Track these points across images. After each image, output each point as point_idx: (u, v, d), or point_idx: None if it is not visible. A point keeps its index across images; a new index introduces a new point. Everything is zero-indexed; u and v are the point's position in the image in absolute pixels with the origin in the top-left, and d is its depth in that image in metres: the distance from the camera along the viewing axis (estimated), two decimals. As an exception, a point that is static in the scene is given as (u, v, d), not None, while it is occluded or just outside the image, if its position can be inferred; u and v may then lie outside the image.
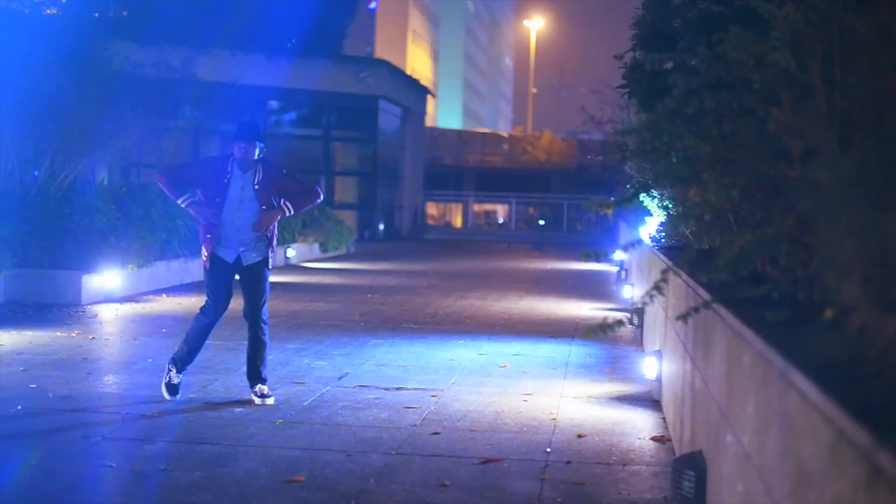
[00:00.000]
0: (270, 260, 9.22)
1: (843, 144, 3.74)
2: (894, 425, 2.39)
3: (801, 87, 4.13)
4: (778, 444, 3.51)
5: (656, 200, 12.19)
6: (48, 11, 20.34)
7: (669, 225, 8.72)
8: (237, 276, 9.22)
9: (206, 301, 9.18)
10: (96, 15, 21.94)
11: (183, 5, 31.66)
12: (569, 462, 7.22)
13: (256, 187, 9.02)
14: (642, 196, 8.69)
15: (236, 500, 6.24)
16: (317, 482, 6.58)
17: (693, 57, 4.80)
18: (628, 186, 13.72)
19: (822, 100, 3.97)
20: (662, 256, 8.52)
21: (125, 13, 26.20)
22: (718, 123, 4.48)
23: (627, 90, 7.67)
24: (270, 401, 8.96)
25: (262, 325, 9.11)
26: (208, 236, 9.00)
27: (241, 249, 9.06)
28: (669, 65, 6.07)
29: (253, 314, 9.11)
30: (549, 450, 7.54)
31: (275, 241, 9.26)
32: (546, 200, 55.13)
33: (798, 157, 4.11)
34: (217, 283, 9.13)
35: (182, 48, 25.51)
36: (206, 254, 9.06)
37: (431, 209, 59.23)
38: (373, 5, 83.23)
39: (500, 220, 65.05)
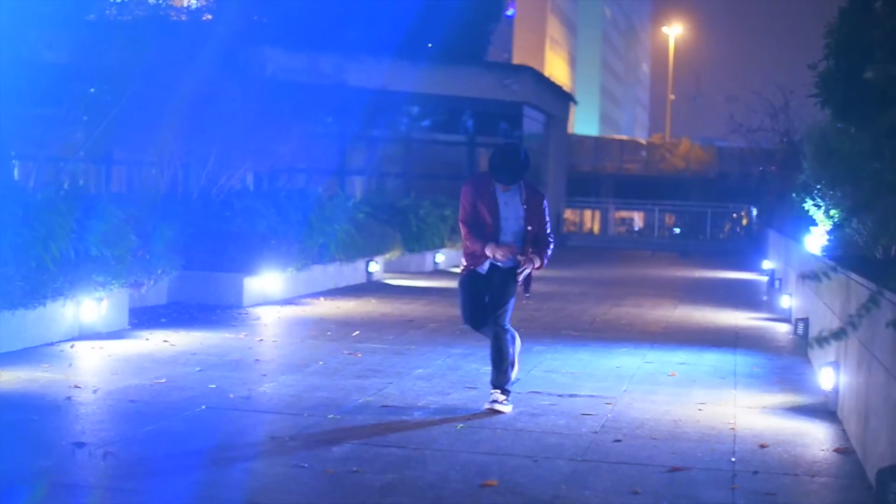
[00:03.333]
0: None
1: None
2: None
3: None
4: None
5: (823, 210, 12.07)
6: (204, 17, 20.75)
7: (872, 237, 8.60)
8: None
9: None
10: (255, 17, 22.27)
11: (328, 12, 32.02)
12: (756, 472, 7.18)
13: (525, 206, 9.01)
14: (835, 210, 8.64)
15: None
16: (508, 486, 6.64)
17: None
18: (795, 195, 13.58)
19: None
20: (856, 276, 8.33)
21: (265, 20, 26.49)
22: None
23: (820, 99, 7.61)
24: (504, 408, 8.88)
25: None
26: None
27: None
28: (869, 75, 6.01)
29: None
30: (734, 459, 7.51)
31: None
32: (687, 208, 54.48)
33: None
34: (466, 296, 9.19)
35: (330, 55, 25.77)
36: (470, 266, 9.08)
37: (568, 216, 58.91)
38: (510, 12, 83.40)
39: (637, 228, 64.52)
